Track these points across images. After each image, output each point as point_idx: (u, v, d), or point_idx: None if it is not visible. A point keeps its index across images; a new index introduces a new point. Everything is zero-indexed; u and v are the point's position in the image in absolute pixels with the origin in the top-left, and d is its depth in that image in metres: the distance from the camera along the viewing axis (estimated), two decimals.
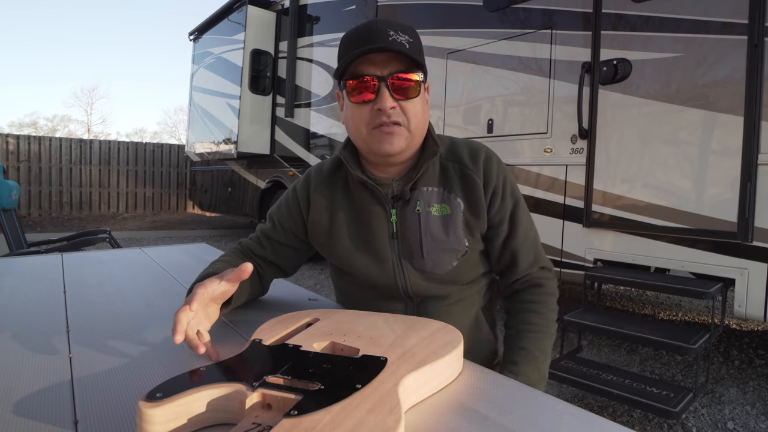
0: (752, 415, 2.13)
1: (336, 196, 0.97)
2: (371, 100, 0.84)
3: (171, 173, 10.86)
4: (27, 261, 1.51)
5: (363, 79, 0.84)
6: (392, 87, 0.83)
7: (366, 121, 0.86)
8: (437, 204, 0.92)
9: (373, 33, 0.83)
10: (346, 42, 0.87)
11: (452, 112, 3.31)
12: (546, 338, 0.92)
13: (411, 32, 0.86)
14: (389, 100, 0.83)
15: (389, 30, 0.83)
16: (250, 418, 0.49)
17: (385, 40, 0.82)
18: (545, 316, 0.93)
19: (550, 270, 1.00)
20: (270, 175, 5.64)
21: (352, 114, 0.88)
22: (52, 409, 0.56)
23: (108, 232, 3.51)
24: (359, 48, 0.82)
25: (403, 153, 0.89)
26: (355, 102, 0.86)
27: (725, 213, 2.08)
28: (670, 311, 3.69)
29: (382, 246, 0.93)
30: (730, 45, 2.06)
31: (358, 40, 0.84)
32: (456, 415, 0.54)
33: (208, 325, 0.76)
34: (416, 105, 0.86)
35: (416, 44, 0.86)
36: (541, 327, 0.92)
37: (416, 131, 0.88)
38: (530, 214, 0.99)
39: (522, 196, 0.99)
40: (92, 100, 38.58)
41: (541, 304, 0.94)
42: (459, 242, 0.92)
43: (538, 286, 0.96)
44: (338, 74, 0.87)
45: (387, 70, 0.83)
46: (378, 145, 0.86)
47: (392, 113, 0.84)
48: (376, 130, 0.85)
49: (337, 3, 4.66)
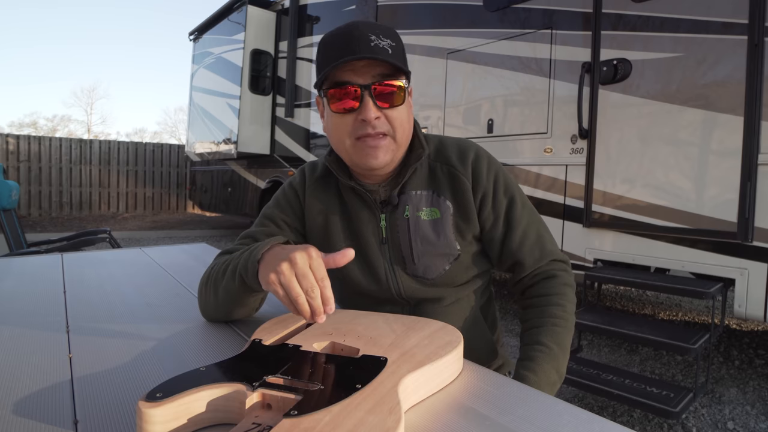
0: (752, 415, 2.13)
1: (329, 200, 0.95)
2: (354, 109, 0.80)
3: (171, 173, 10.86)
4: (27, 261, 1.51)
5: (344, 88, 0.79)
6: (376, 95, 0.80)
7: (349, 132, 0.82)
8: (426, 208, 0.90)
9: (354, 38, 0.78)
10: (325, 47, 0.82)
11: (452, 112, 3.31)
12: (564, 333, 0.85)
13: (393, 35, 0.82)
14: (373, 109, 0.79)
15: (370, 34, 0.79)
16: (250, 418, 0.49)
17: (367, 46, 0.78)
18: (564, 308, 0.87)
19: (564, 261, 0.94)
20: (270, 175, 5.64)
21: (335, 124, 0.83)
22: (52, 409, 0.56)
23: (108, 232, 3.51)
24: (340, 55, 0.78)
25: (388, 165, 0.87)
26: (336, 111, 0.82)
27: (725, 213, 2.08)
28: (670, 311, 3.69)
29: (373, 252, 0.91)
30: (730, 45, 2.06)
31: (338, 46, 0.79)
32: (456, 415, 0.54)
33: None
34: (402, 113, 0.83)
35: (398, 48, 0.82)
36: (558, 320, 0.86)
37: (402, 140, 0.85)
38: (534, 210, 0.95)
39: (521, 192, 0.95)
40: (92, 100, 38.64)
41: (557, 295, 0.89)
42: (450, 246, 0.90)
43: (552, 277, 0.91)
44: (318, 81, 0.82)
45: (369, 78, 0.79)
46: (362, 159, 0.83)
47: (377, 124, 0.81)
48: (360, 141, 0.82)
49: (337, 3, 4.66)
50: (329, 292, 0.64)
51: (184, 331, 0.83)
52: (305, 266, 0.63)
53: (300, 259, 0.63)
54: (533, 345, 0.84)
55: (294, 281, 0.63)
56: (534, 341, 0.85)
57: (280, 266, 0.64)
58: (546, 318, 0.87)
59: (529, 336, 0.87)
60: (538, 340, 0.84)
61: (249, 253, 0.75)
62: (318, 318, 0.64)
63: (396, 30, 0.86)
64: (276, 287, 0.64)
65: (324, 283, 0.64)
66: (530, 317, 0.89)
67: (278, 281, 0.64)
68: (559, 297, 0.89)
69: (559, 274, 0.92)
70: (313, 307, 0.63)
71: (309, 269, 0.64)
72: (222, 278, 0.82)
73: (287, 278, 0.63)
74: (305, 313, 0.64)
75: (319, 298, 0.63)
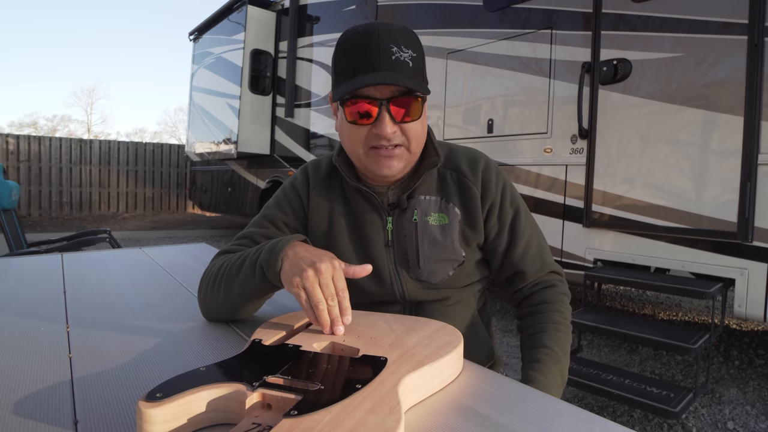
0: (752, 415, 2.13)
1: (334, 200, 0.94)
2: (370, 123, 0.80)
3: (171, 173, 10.86)
4: (27, 261, 1.51)
5: (362, 104, 0.78)
6: (393, 111, 0.78)
7: (362, 142, 0.82)
8: (435, 213, 0.90)
9: (374, 49, 0.76)
10: (344, 53, 0.81)
11: (452, 112, 3.31)
12: (566, 338, 0.88)
13: (413, 43, 0.80)
14: (390, 125, 0.78)
15: (391, 45, 0.77)
16: (250, 418, 0.49)
17: (388, 61, 0.76)
18: (564, 315, 0.91)
19: (560, 272, 0.98)
20: (270, 175, 5.64)
21: (349, 132, 0.83)
22: (52, 409, 0.56)
23: (108, 232, 3.51)
24: (359, 69, 0.77)
25: (401, 172, 0.87)
26: (351, 122, 0.81)
27: (725, 213, 2.08)
28: (670, 311, 3.69)
29: (378, 254, 0.91)
30: (730, 45, 2.06)
31: (358, 58, 0.78)
32: (456, 415, 0.54)
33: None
34: (417, 125, 0.82)
35: (419, 58, 0.80)
36: (560, 326, 0.89)
37: (416, 150, 0.85)
38: (535, 222, 0.97)
39: (524, 204, 0.96)
40: (92, 100, 38.62)
41: (558, 303, 0.92)
42: (456, 252, 0.91)
43: (551, 287, 0.94)
44: (335, 92, 0.82)
45: (388, 93, 0.78)
46: (375, 167, 0.83)
47: (392, 137, 0.80)
48: (373, 150, 0.82)
49: (337, 3, 4.65)
50: (347, 302, 0.69)
51: (184, 331, 0.83)
52: (329, 276, 0.68)
53: (325, 269, 0.68)
54: (539, 348, 0.86)
55: (317, 288, 0.67)
56: (540, 344, 0.86)
57: (306, 272, 0.68)
58: (549, 323, 0.89)
59: (533, 340, 0.89)
60: (543, 344, 0.86)
61: (270, 248, 0.76)
62: (336, 328, 0.67)
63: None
64: (299, 290, 0.69)
65: (344, 294, 0.69)
66: (532, 323, 0.91)
67: (302, 285, 0.68)
68: (559, 305, 0.92)
69: (557, 284, 0.95)
70: (332, 315, 0.67)
71: (332, 280, 0.68)
72: (237, 274, 0.81)
73: (311, 284, 0.68)
74: (324, 320, 0.67)
75: (337, 308, 0.68)
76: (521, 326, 0.95)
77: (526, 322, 0.93)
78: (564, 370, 0.86)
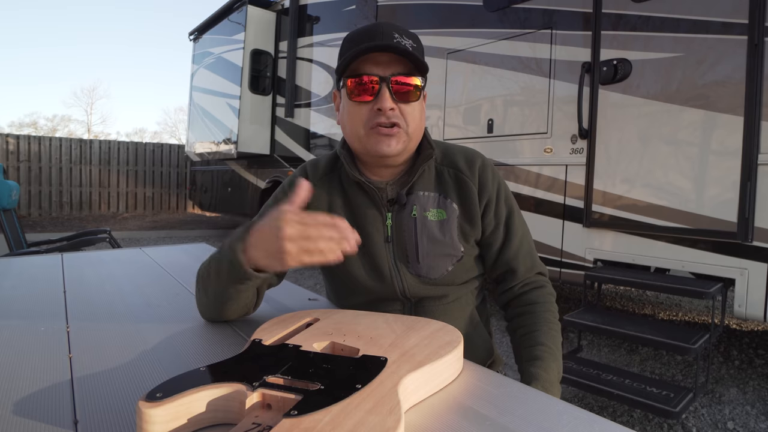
0: (752, 415, 2.13)
1: (333, 197, 0.95)
2: (371, 100, 0.84)
3: (171, 173, 10.86)
4: (27, 261, 1.51)
5: (364, 78, 0.83)
6: (393, 89, 0.83)
7: (364, 121, 0.86)
8: (434, 209, 0.92)
9: (378, 33, 0.83)
10: (349, 40, 0.87)
11: (452, 112, 3.31)
12: (558, 337, 0.91)
13: (414, 37, 0.87)
14: (389, 101, 0.83)
15: (394, 33, 0.84)
16: (250, 418, 0.49)
17: (390, 42, 0.82)
18: (554, 314, 0.94)
19: (546, 274, 1.01)
20: (270, 175, 5.64)
21: (350, 113, 0.87)
22: (52, 409, 0.56)
23: (108, 232, 3.51)
24: (363, 44, 0.82)
25: (400, 155, 0.89)
26: (354, 101, 0.85)
27: (725, 213, 2.08)
28: (670, 311, 3.69)
29: (378, 250, 0.92)
30: (730, 45, 2.06)
31: (362, 39, 0.84)
32: (456, 415, 0.54)
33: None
34: (415, 109, 0.86)
35: (419, 49, 0.87)
36: (552, 325, 0.91)
37: (414, 135, 0.88)
38: (525, 222, 1.00)
39: (517, 204, 0.99)
40: (92, 100, 38.65)
41: (548, 303, 0.95)
42: (455, 247, 0.92)
43: (541, 287, 0.97)
44: (339, 71, 0.86)
45: (389, 71, 0.83)
46: (375, 146, 0.86)
47: (391, 115, 0.84)
48: (373, 130, 0.85)
49: (337, 3, 4.65)
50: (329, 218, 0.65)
51: (184, 331, 0.83)
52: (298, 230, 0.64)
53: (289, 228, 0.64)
54: (537, 346, 0.88)
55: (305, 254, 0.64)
56: (537, 342, 0.88)
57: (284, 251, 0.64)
58: (543, 323, 0.91)
59: (529, 338, 0.90)
60: (540, 341, 0.88)
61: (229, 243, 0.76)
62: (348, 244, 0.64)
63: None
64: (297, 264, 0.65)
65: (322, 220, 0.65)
66: (526, 323, 0.93)
67: (296, 262, 0.65)
68: (549, 305, 0.95)
69: (545, 285, 0.98)
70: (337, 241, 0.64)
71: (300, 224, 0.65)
72: (209, 275, 0.81)
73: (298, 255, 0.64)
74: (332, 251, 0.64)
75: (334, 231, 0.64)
76: (513, 326, 0.96)
77: (519, 321, 0.95)
78: (560, 367, 0.88)
